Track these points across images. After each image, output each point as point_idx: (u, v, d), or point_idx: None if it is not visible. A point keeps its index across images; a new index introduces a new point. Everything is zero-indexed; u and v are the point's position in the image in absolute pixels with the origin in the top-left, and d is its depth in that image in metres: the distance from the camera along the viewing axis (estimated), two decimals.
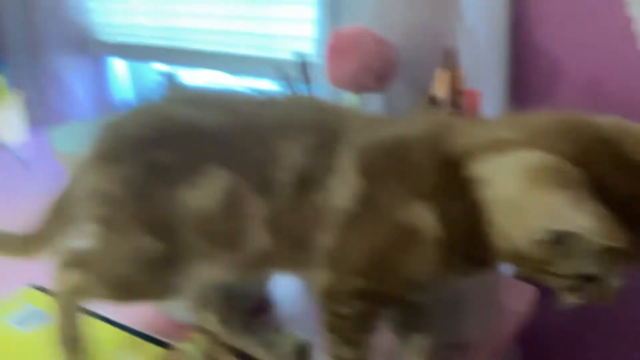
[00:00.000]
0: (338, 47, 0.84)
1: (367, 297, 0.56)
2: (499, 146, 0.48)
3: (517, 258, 0.49)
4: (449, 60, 0.75)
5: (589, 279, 0.47)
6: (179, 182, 0.56)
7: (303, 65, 0.88)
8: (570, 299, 0.49)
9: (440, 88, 0.74)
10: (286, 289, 0.82)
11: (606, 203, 0.42)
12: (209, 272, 0.60)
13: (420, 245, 0.52)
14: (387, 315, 0.63)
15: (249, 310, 0.76)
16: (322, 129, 0.56)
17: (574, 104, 0.85)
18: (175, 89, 0.75)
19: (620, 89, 0.81)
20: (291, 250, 0.57)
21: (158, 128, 0.59)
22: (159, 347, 0.72)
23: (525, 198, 0.45)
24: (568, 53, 0.85)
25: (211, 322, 0.70)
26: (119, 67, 1.64)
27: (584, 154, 0.45)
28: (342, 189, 0.53)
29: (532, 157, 0.46)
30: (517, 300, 0.81)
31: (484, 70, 0.85)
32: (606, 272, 0.46)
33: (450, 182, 0.50)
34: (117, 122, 0.62)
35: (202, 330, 0.71)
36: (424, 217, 0.51)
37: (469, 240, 0.51)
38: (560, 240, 0.44)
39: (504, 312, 0.78)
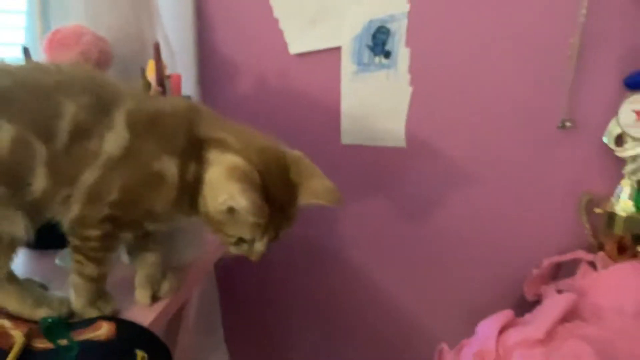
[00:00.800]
0: (59, 39, 1.00)
1: (114, 222, 0.74)
2: (225, 147, 0.74)
3: (207, 218, 0.75)
4: (156, 54, 1.00)
5: (243, 240, 0.76)
6: None
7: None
8: (231, 250, 0.78)
9: (150, 74, 0.99)
10: None
11: (267, 197, 0.71)
12: (9, 217, 0.71)
13: (163, 187, 0.74)
14: (125, 239, 0.80)
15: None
16: (98, 93, 0.73)
17: (243, 89, 1.19)
18: None
19: (275, 79, 1.17)
20: (63, 188, 0.72)
21: None
22: None
23: (220, 183, 0.72)
24: (238, 50, 1.18)
25: None
26: None
27: (266, 166, 0.74)
28: (112, 139, 0.72)
29: (235, 160, 0.72)
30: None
31: (181, 62, 1.12)
32: (253, 238, 0.76)
33: (192, 151, 0.74)
34: None
35: None
36: (169, 168, 0.73)
37: (191, 193, 0.74)
38: (230, 212, 0.72)
39: (207, 246, 1.02)
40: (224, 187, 0.71)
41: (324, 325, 1.36)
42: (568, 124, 1.04)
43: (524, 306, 1.10)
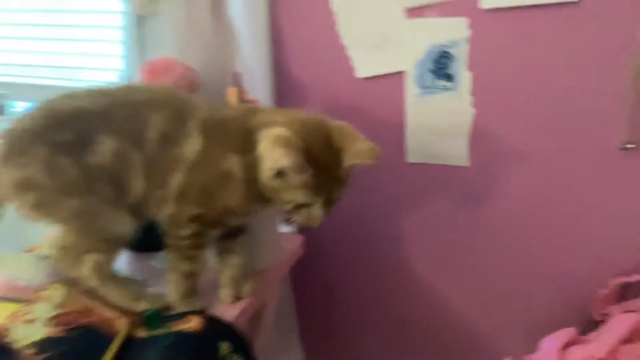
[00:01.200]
0: (153, 69, 1.13)
1: (199, 220, 0.85)
2: (270, 124, 0.82)
3: (269, 190, 0.82)
4: (236, 81, 1.12)
5: (301, 206, 0.83)
6: (81, 151, 0.80)
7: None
8: (294, 217, 0.85)
9: (231, 99, 1.10)
10: None
11: (311, 160, 0.78)
12: (117, 217, 0.83)
13: (232, 182, 0.84)
14: (213, 237, 0.91)
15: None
16: (177, 106, 0.85)
17: (315, 111, 1.29)
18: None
19: (344, 101, 1.27)
20: (157, 189, 0.84)
21: (49, 117, 0.81)
22: (16, 303, 0.85)
23: (267, 152, 0.80)
24: (309, 75, 1.28)
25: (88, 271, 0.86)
26: None
27: (308, 133, 0.81)
28: (190, 146, 0.83)
29: (278, 131, 0.80)
30: (290, 243, 1.20)
31: (259, 88, 1.23)
32: (308, 202, 0.82)
33: (249, 143, 0.82)
34: (9, 128, 0.83)
35: (64, 283, 0.88)
36: (234, 165, 0.83)
37: (260, 182, 0.83)
38: (279, 176, 0.79)
39: (283, 253, 1.14)
40: (270, 154, 0.79)
41: (393, 329, 1.43)
42: (630, 145, 1.07)
43: (588, 325, 1.12)
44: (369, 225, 1.35)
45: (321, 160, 0.80)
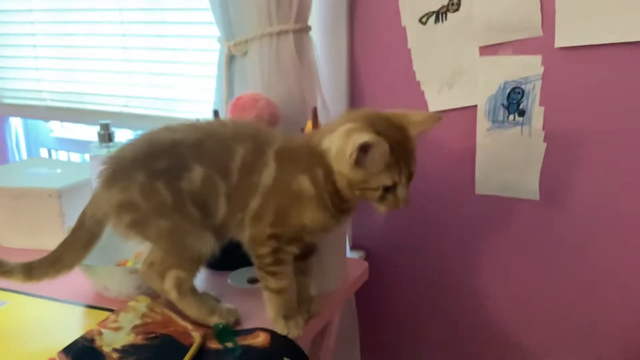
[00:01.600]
0: (241, 104, 1.24)
1: (277, 239, 0.91)
2: (333, 129, 0.89)
3: (349, 185, 0.87)
4: (314, 115, 1.20)
5: (387, 189, 0.87)
6: (175, 177, 0.90)
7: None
8: (382, 208, 0.89)
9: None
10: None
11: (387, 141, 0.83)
12: (201, 238, 0.91)
13: (304, 200, 0.90)
14: (292, 253, 0.93)
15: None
16: (258, 138, 0.93)
17: None
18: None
19: None
20: (237, 213, 0.92)
21: (149, 147, 0.92)
22: (104, 312, 0.97)
23: (341, 146, 0.86)
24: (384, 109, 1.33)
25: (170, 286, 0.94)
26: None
27: (372, 121, 0.86)
28: (267, 173, 0.90)
29: (348, 125, 0.86)
30: (357, 267, 1.24)
31: None
32: (394, 182, 0.86)
33: (314, 160, 0.89)
34: (113, 154, 0.94)
35: (147, 296, 0.97)
36: (304, 183, 0.90)
37: (332, 193, 0.89)
38: (360, 164, 0.83)
39: (348, 278, 1.18)
40: (346, 144, 0.84)
41: (455, 353, 1.43)
42: None
43: None
44: (436, 254, 1.37)
45: (391, 137, 0.85)
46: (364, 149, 0.82)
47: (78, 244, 0.95)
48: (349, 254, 1.34)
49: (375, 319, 1.48)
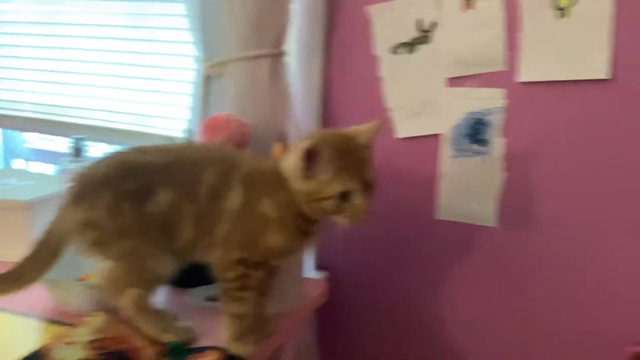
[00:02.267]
0: (213, 124, 1.26)
1: (244, 263, 0.92)
2: (292, 150, 0.91)
3: (306, 198, 0.89)
4: (283, 138, 1.22)
5: (343, 197, 0.87)
6: (141, 199, 0.91)
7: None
8: (343, 221, 0.89)
9: (277, 154, 1.20)
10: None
11: (334, 150, 0.86)
12: (162, 260, 0.93)
13: (269, 223, 0.91)
14: (258, 278, 0.94)
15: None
16: (226, 162, 0.94)
17: None
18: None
19: (383, 159, 1.33)
20: (204, 237, 0.93)
21: (118, 167, 0.93)
22: (61, 326, 0.97)
23: (291, 160, 0.89)
24: None
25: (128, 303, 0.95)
26: None
27: (324, 136, 0.89)
28: (234, 197, 0.92)
29: (301, 144, 0.88)
30: (315, 287, 1.26)
31: None
32: (347, 190, 0.87)
33: (278, 182, 0.91)
34: (82, 171, 0.95)
35: (105, 311, 0.98)
36: (267, 206, 0.91)
37: (296, 216, 0.91)
38: (309, 157, 0.86)
39: (305, 298, 1.19)
40: (293, 158, 0.89)
41: None
42: None
43: None
44: (399, 275, 1.39)
45: (341, 146, 0.88)
46: (309, 156, 0.85)
47: (41, 260, 0.96)
48: (313, 274, 1.36)
49: (336, 338, 1.50)
